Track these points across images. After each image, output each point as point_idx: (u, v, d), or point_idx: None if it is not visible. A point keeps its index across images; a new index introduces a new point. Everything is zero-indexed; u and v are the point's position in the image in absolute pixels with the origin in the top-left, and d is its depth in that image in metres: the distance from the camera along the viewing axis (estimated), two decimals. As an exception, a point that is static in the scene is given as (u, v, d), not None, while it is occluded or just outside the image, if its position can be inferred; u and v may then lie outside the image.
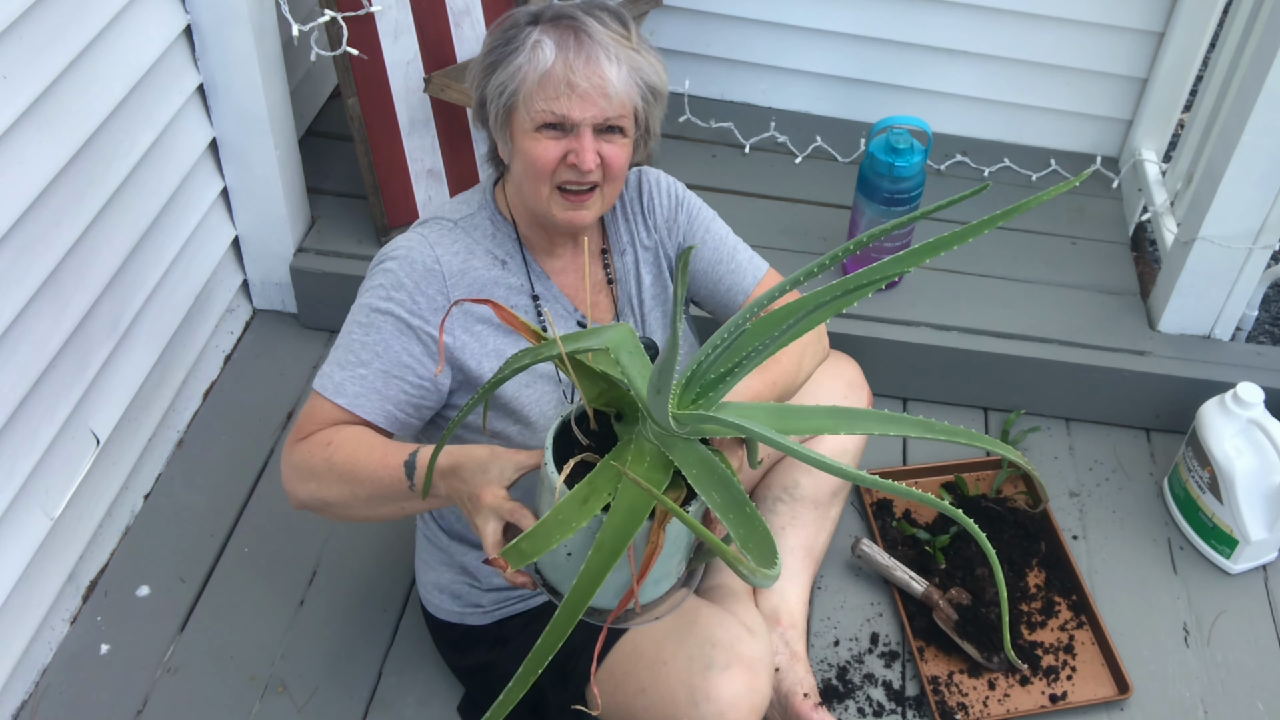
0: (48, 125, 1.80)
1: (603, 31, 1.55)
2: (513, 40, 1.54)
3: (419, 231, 1.64)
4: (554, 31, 1.53)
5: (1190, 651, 2.15)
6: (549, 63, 1.52)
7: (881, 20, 2.83)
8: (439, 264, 1.60)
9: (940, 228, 2.72)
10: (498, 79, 1.55)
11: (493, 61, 1.56)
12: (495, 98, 1.57)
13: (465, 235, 1.64)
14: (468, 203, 1.69)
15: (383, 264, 1.61)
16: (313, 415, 1.57)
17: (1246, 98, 2.20)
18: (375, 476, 1.47)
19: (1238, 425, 2.20)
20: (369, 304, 1.59)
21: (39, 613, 1.94)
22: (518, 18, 1.57)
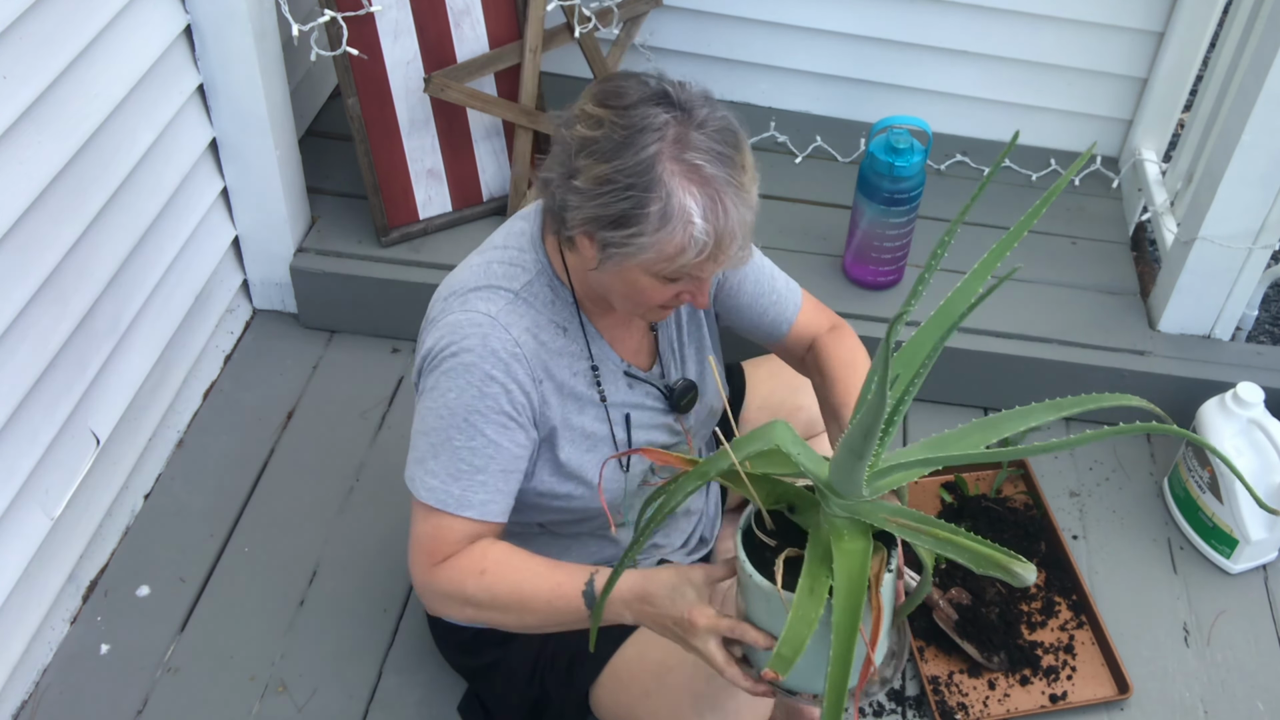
0: (48, 125, 1.80)
1: (747, 182, 1.39)
2: (650, 188, 1.34)
3: (484, 311, 1.50)
4: (700, 193, 1.35)
5: (1190, 651, 2.15)
6: (701, 246, 1.37)
7: (882, 20, 2.83)
8: (518, 346, 1.50)
9: (940, 227, 2.72)
10: (627, 233, 1.37)
11: (623, 213, 1.36)
12: (614, 241, 1.38)
13: (528, 307, 1.53)
14: (521, 265, 1.55)
15: (458, 357, 1.48)
16: (442, 536, 1.50)
17: (1246, 98, 2.20)
18: (550, 607, 1.46)
19: (1238, 425, 2.20)
20: (464, 406, 1.48)
21: (39, 613, 1.94)
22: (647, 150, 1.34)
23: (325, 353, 2.57)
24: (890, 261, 2.51)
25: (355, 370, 2.53)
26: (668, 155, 1.35)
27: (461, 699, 1.96)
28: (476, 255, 1.61)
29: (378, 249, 2.53)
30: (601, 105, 1.40)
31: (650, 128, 1.35)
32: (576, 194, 1.39)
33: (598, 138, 1.37)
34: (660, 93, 1.38)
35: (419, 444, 1.53)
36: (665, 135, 1.35)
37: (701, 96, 1.41)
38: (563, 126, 1.45)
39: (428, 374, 1.53)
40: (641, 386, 1.68)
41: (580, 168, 1.38)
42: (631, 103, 1.38)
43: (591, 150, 1.38)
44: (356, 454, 2.36)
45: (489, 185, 2.62)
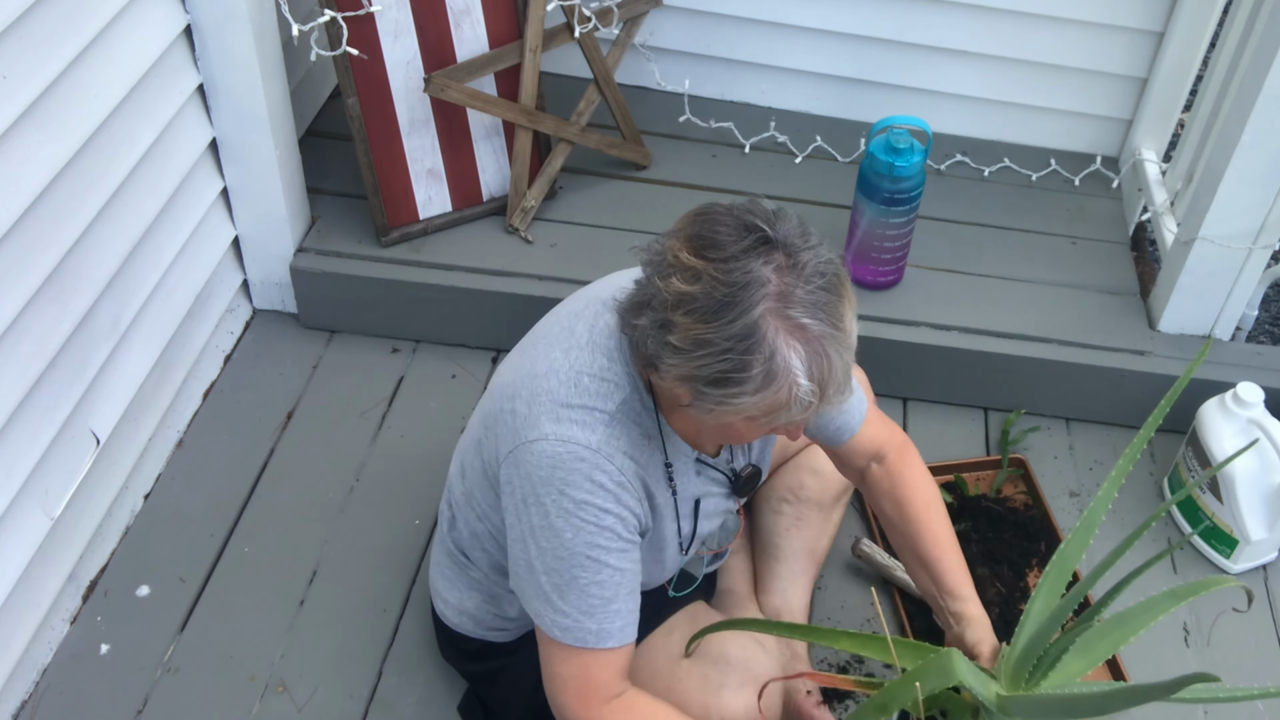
0: (48, 125, 1.80)
1: (848, 324, 1.35)
2: (753, 350, 1.28)
3: (583, 443, 1.44)
4: (804, 349, 1.29)
5: (1190, 651, 2.15)
6: (805, 404, 1.32)
7: (881, 20, 2.83)
8: (622, 474, 1.46)
9: (940, 227, 2.72)
10: (727, 392, 1.31)
11: (723, 374, 1.30)
12: (712, 396, 1.33)
13: (623, 428, 1.47)
14: (615, 382, 1.48)
15: (567, 495, 1.44)
16: (590, 675, 1.50)
17: (1246, 98, 2.20)
18: None
19: (1238, 425, 2.20)
20: (583, 544, 1.45)
21: (39, 613, 1.94)
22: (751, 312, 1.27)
23: (325, 353, 2.57)
24: (890, 261, 2.51)
25: (355, 370, 2.53)
26: (771, 313, 1.28)
27: (461, 699, 1.96)
28: (560, 351, 1.51)
29: (378, 249, 2.53)
30: (699, 255, 1.31)
31: (754, 283, 1.28)
32: (672, 351, 1.32)
33: (696, 294, 1.29)
34: (759, 236, 1.31)
35: (540, 581, 1.49)
36: (768, 291, 1.28)
37: (800, 232, 1.34)
38: (654, 271, 1.36)
39: (529, 506, 1.48)
40: (709, 473, 1.67)
41: (676, 323, 1.31)
42: (732, 254, 1.29)
43: (690, 309, 1.30)
44: (356, 454, 2.36)
45: (489, 185, 2.62)
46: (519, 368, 1.56)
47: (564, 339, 1.53)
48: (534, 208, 2.61)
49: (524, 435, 1.47)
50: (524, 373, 1.53)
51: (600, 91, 2.64)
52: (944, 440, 2.48)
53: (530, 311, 2.50)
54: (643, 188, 2.77)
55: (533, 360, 1.54)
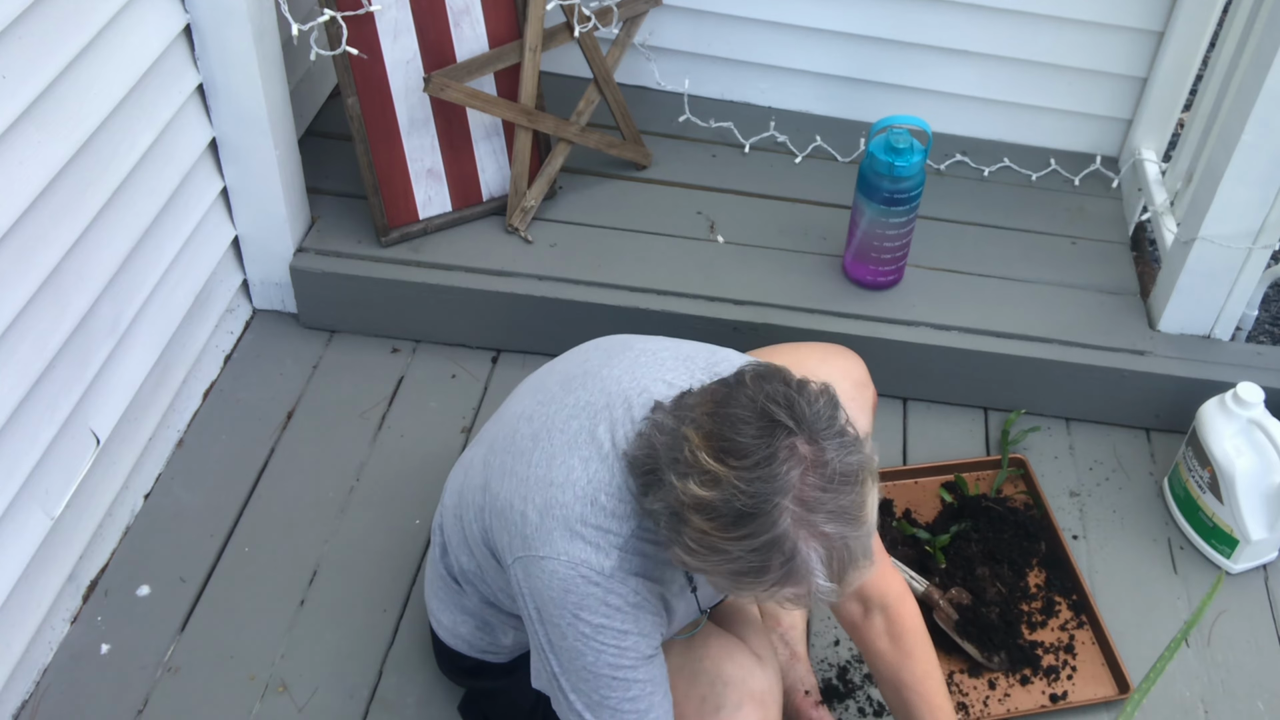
0: (48, 125, 1.80)
1: (869, 513, 1.30)
2: (772, 553, 1.25)
3: (596, 568, 1.41)
4: (822, 549, 1.26)
5: (1190, 651, 2.15)
6: (825, 595, 1.29)
7: (881, 20, 2.83)
8: (637, 594, 1.43)
9: (939, 227, 2.72)
10: (743, 583, 1.29)
11: (740, 574, 1.28)
12: (726, 585, 1.33)
13: (636, 549, 1.44)
14: (633, 505, 1.43)
15: (583, 619, 1.42)
16: None
17: (1246, 97, 2.20)
18: None
19: (1238, 425, 2.20)
20: (608, 665, 1.44)
21: (39, 613, 1.94)
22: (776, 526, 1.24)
23: (325, 353, 2.57)
24: (890, 261, 2.51)
25: (355, 370, 2.53)
26: (795, 522, 1.24)
27: (461, 699, 1.96)
28: (579, 460, 1.45)
29: (378, 249, 2.53)
30: (719, 461, 1.25)
31: (780, 491, 1.23)
32: (686, 550, 1.29)
33: (715, 503, 1.25)
34: (783, 432, 1.25)
35: (570, 699, 1.48)
36: (792, 497, 1.24)
37: (826, 414, 1.29)
38: (669, 469, 1.30)
39: (548, 626, 1.46)
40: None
41: (691, 523, 1.27)
42: (755, 462, 1.24)
43: (709, 515, 1.26)
44: (356, 454, 2.36)
45: (489, 185, 2.62)
46: (533, 460, 1.49)
47: (584, 444, 1.46)
48: (534, 208, 2.61)
49: (534, 548, 1.44)
50: (539, 475, 1.47)
51: (600, 91, 2.64)
52: (944, 440, 2.48)
53: (530, 311, 2.51)
54: (643, 188, 2.77)
55: (548, 459, 1.47)
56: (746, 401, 1.28)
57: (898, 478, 2.39)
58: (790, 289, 2.52)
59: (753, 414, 1.27)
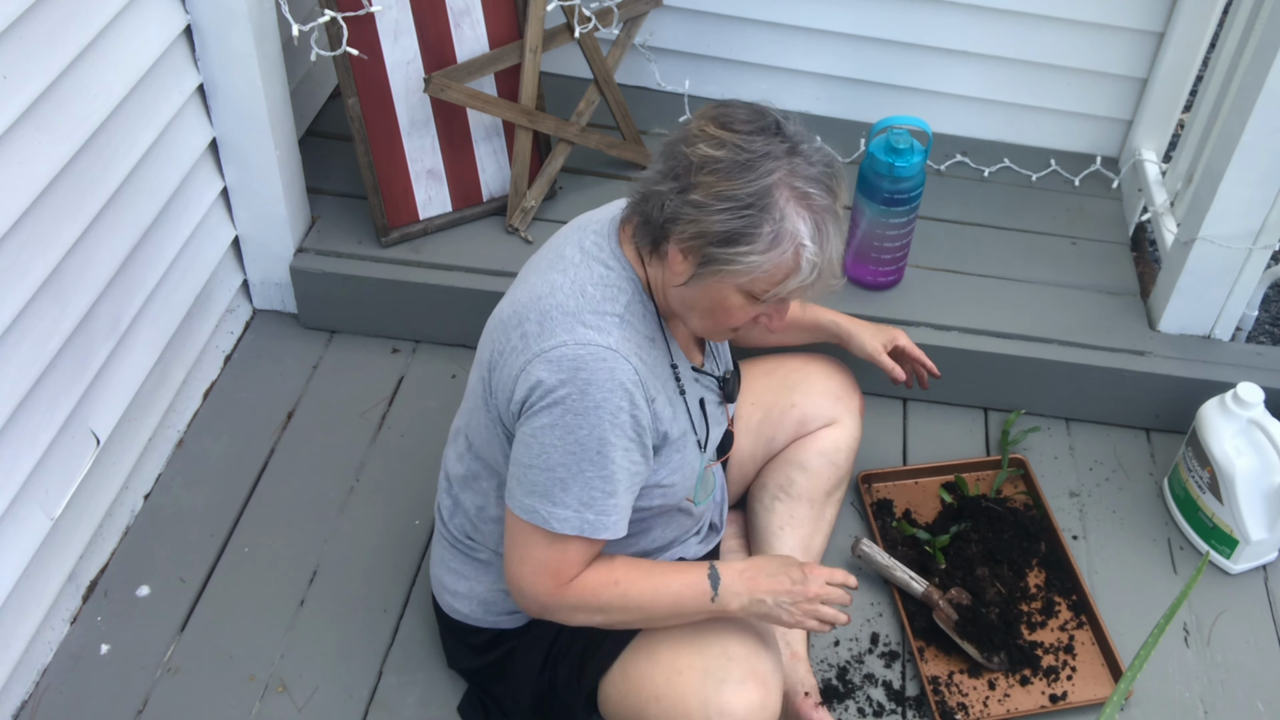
0: (48, 125, 1.80)
1: (841, 214, 1.50)
2: (766, 210, 1.43)
3: (602, 344, 1.52)
4: (810, 219, 1.45)
5: (1190, 651, 2.15)
6: (804, 274, 1.46)
7: (881, 20, 2.83)
8: (637, 373, 1.54)
9: (938, 228, 2.72)
10: (738, 250, 1.44)
11: (738, 231, 1.43)
12: (721, 257, 1.45)
13: (632, 329, 1.56)
14: (618, 286, 1.58)
15: (588, 395, 1.50)
16: (569, 559, 1.57)
17: (1246, 98, 2.20)
18: (675, 598, 1.63)
19: (1238, 425, 2.20)
20: (596, 439, 1.51)
21: (39, 613, 1.94)
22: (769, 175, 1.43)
23: (325, 353, 2.57)
24: (890, 262, 2.51)
25: (355, 370, 2.53)
26: (784, 182, 1.44)
27: (461, 699, 1.96)
28: (556, 273, 1.60)
29: (378, 249, 2.53)
30: (724, 128, 1.47)
31: (771, 155, 1.44)
32: (693, 207, 1.45)
33: (721, 157, 1.44)
34: (774, 123, 1.48)
35: (538, 478, 1.54)
36: (781, 163, 1.44)
37: (806, 132, 1.50)
38: (681, 143, 1.49)
39: (547, 408, 1.52)
40: (704, 379, 1.75)
41: (700, 183, 1.45)
42: (753, 130, 1.46)
43: (715, 168, 1.44)
44: (356, 454, 2.36)
45: (489, 185, 2.62)
46: (516, 300, 1.63)
47: (556, 264, 1.62)
48: (534, 208, 2.61)
49: (540, 347, 1.54)
50: (524, 300, 1.60)
51: (600, 91, 2.64)
52: (944, 440, 2.48)
53: (530, 311, 2.51)
54: (643, 188, 2.77)
55: (529, 289, 1.62)
56: (743, 106, 1.51)
57: (898, 478, 2.39)
58: (790, 289, 2.52)
59: (749, 111, 1.50)
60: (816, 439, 2.09)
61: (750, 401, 2.10)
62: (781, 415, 2.10)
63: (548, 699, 1.79)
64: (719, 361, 1.83)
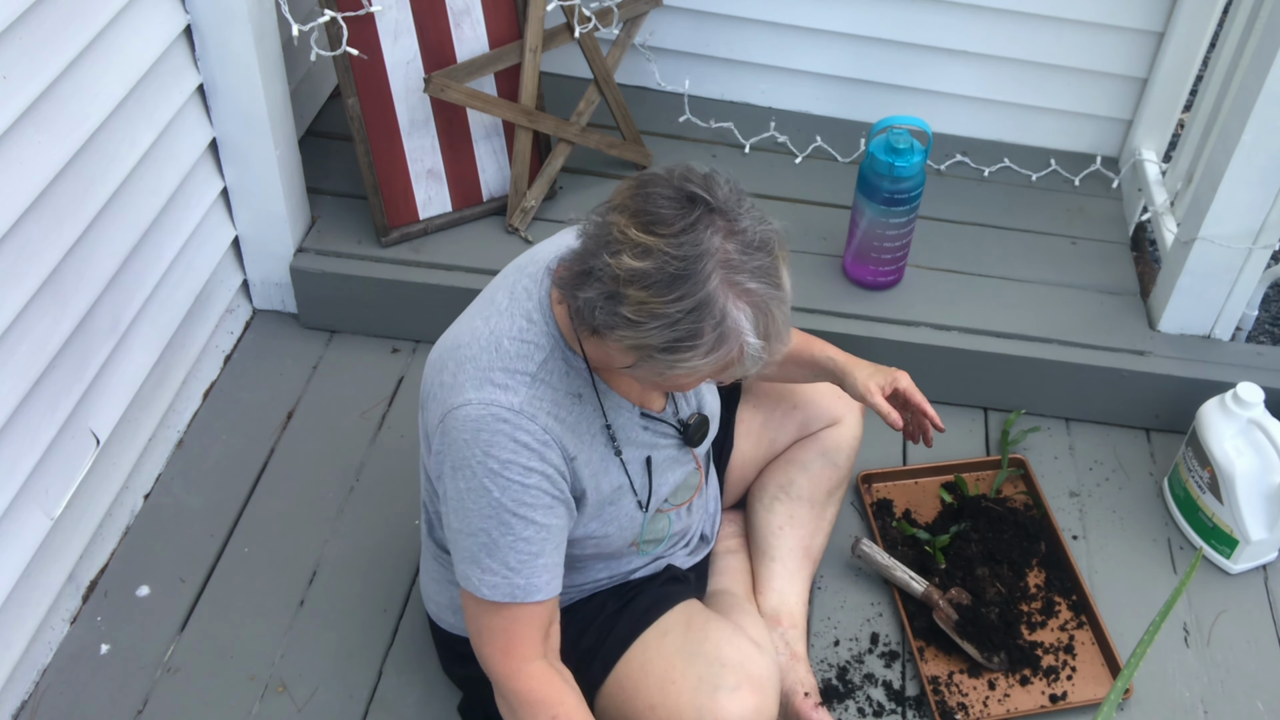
0: (48, 125, 1.80)
1: (785, 280, 1.41)
2: (704, 317, 1.34)
3: (506, 405, 1.48)
4: (750, 310, 1.36)
5: (1190, 651, 2.15)
6: (749, 366, 1.41)
7: (881, 20, 2.83)
8: (546, 433, 1.50)
9: (940, 227, 2.72)
10: (679, 356, 1.37)
11: (677, 341, 1.36)
12: (663, 361, 1.39)
13: (546, 387, 1.52)
14: (535, 342, 1.52)
15: (492, 455, 1.48)
16: (516, 629, 1.54)
17: (1246, 98, 2.20)
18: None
19: (1238, 425, 2.20)
20: (511, 501, 1.49)
21: (39, 613, 1.94)
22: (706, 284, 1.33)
23: (325, 353, 2.57)
24: (890, 262, 2.51)
25: (355, 370, 2.53)
26: (722, 281, 1.34)
27: (461, 699, 1.96)
28: (480, 319, 1.57)
29: (378, 249, 2.53)
30: (647, 232, 1.35)
31: (705, 253, 1.33)
32: (625, 323, 1.37)
33: (649, 270, 1.34)
34: (703, 207, 1.36)
35: (466, 544, 1.53)
36: (717, 261, 1.34)
37: (735, 196, 1.39)
38: (603, 249, 1.38)
39: (458, 471, 1.51)
40: (658, 426, 1.69)
41: (628, 296, 1.35)
42: (680, 229, 1.34)
43: (644, 284, 1.34)
44: (356, 454, 2.36)
45: (489, 185, 2.62)
46: (444, 343, 1.62)
47: (485, 308, 1.59)
48: (534, 208, 2.61)
49: (450, 404, 1.52)
50: (448, 345, 1.59)
51: (600, 91, 2.64)
52: (944, 440, 2.48)
53: (530, 311, 2.51)
54: (643, 188, 2.77)
55: (456, 333, 1.60)
56: (663, 183, 1.39)
57: (898, 478, 2.39)
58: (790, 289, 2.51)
59: (671, 191, 1.37)
60: (818, 440, 2.09)
61: (752, 405, 2.10)
62: (784, 417, 2.10)
63: None
64: (687, 402, 1.76)
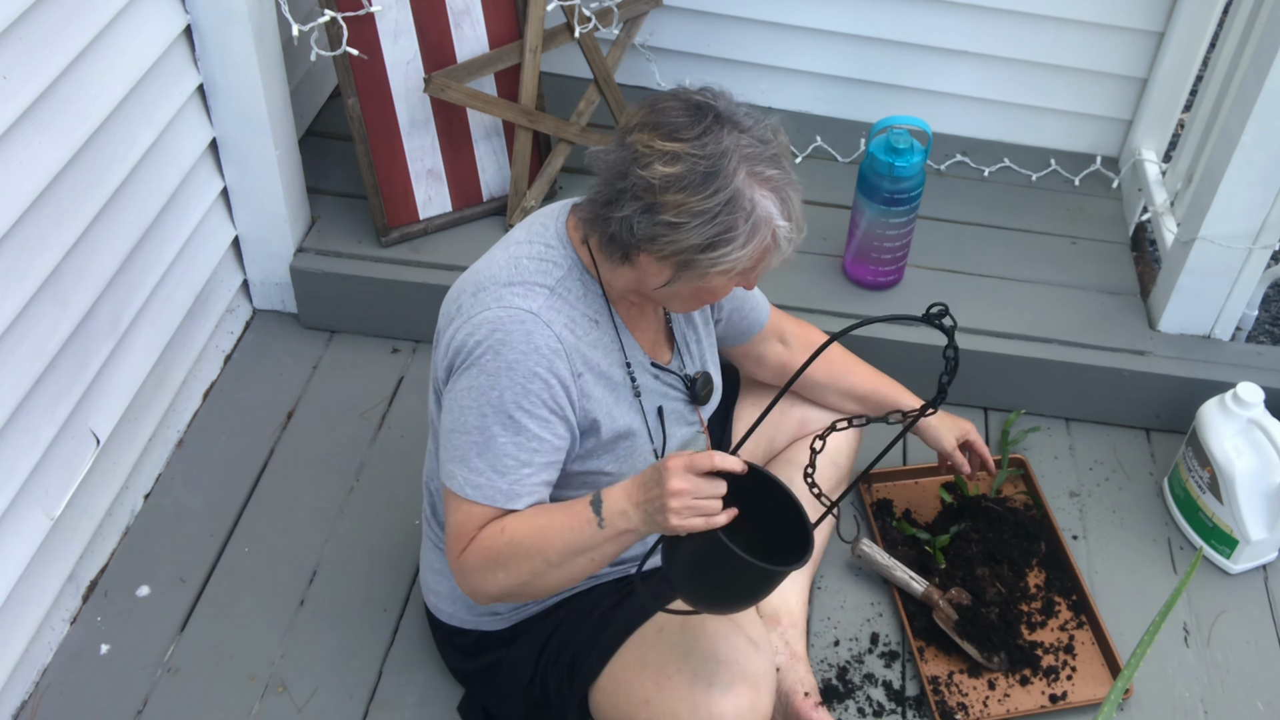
0: (48, 125, 1.80)
1: (790, 168, 1.52)
2: (738, 207, 1.44)
3: (524, 307, 1.53)
4: (774, 196, 1.47)
5: (1190, 651, 2.15)
6: (784, 249, 1.50)
7: (881, 20, 2.83)
8: (559, 341, 1.54)
9: (939, 227, 2.72)
10: (721, 252, 1.46)
11: (715, 238, 1.45)
12: (705, 260, 1.47)
13: (563, 301, 1.57)
14: (552, 261, 1.59)
15: (501, 354, 1.51)
16: (475, 523, 1.55)
17: (1246, 98, 2.20)
18: (563, 533, 1.50)
19: (1238, 425, 2.20)
20: (509, 402, 1.51)
21: (39, 613, 1.94)
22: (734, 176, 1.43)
23: (325, 353, 2.57)
24: (890, 261, 2.51)
25: (355, 370, 2.53)
26: (747, 174, 1.45)
27: (461, 699, 1.96)
28: (500, 250, 1.64)
29: (378, 249, 2.53)
30: (672, 139, 1.45)
31: (726, 151, 1.44)
32: (666, 227, 1.45)
33: (682, 173, 1.43)
34: (713, 114, 1.47)
35: (457, 442, 1.54)
36: (739, 155, 1.44)
37: (733, 100, 1.51)
38: (633, 164, 1.46)
39: (465, 370, 1.54)
40: (667, 377, 1.73)
41: (666, 203, 1.44)
42: (700, 132, 1.45)
43: (680, 186, 1.43)
44: (356, 454, 2.36)
45: (489, 185, 2.63)
46: (463, 279, 1.65)
47: (502, 243, 1.66)
48: (534, 208, 2.61)
49: (469, 314, 1.56)
50: (467, 277, 1.64)
51: (600, 91, 2.64)
52: (944, 440, 2.48)
53: (530, 311, 2.51)
54: (643, 188, 2.77)
55: (475, 268, 1.65)
56: (670, 99, 1.50)
57: (898, 478, 2.39)
58: (790, 289, 2.51)
59: (680, 104, 1.49)
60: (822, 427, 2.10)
61: (750, 404, 2.10)
62: (782, 416, 2.10)
63: (541, 707, 1.79)
64: (693, 359, 1.80)
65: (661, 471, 1.42)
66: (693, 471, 1.41)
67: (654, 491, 1.43)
